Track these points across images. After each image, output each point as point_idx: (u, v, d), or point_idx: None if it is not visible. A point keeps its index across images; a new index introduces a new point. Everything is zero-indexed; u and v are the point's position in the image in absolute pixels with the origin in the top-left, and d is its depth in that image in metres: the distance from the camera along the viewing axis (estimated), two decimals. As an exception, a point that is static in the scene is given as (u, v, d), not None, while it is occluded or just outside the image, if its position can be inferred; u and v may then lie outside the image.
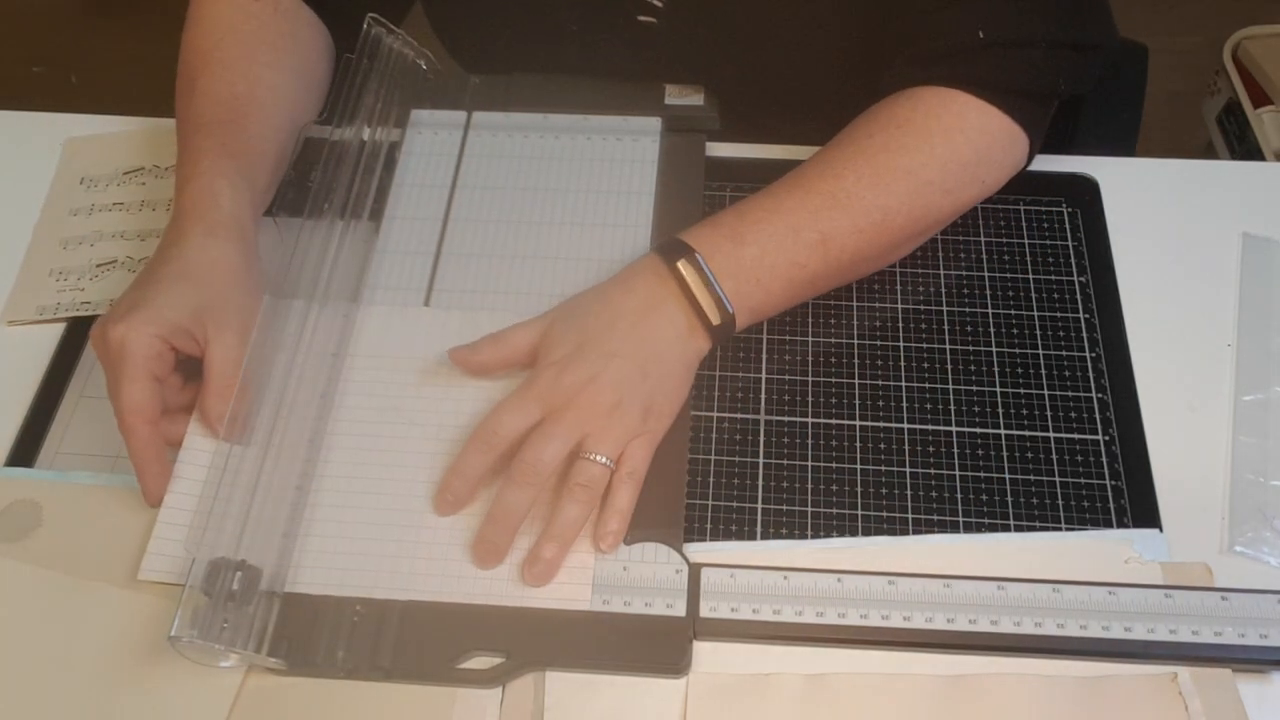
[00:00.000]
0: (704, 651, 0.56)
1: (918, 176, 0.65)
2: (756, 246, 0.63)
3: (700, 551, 0.60)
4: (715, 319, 0.62)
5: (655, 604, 0.57)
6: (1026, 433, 0.64)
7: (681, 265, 0.62)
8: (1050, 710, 0.54)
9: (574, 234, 0.71)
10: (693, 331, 0.63)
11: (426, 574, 0.58)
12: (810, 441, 0.64)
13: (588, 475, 0.59)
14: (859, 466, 0.63)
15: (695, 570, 0.58)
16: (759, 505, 0.62)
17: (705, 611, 0.57)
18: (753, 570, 0.58)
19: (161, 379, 0.60)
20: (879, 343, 0.68)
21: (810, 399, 0.66)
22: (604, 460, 0.59)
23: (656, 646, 0.56)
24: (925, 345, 0.68)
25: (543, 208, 0.72)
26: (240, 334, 0.61)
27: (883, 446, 0.64)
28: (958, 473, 0.63)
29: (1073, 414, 0.65)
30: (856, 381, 0.66)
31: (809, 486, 0.62)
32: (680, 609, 0.57)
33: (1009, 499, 0.62)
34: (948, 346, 0.68)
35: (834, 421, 0.65)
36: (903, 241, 0.68)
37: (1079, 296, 0.69)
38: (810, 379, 0.67)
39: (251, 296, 0.63)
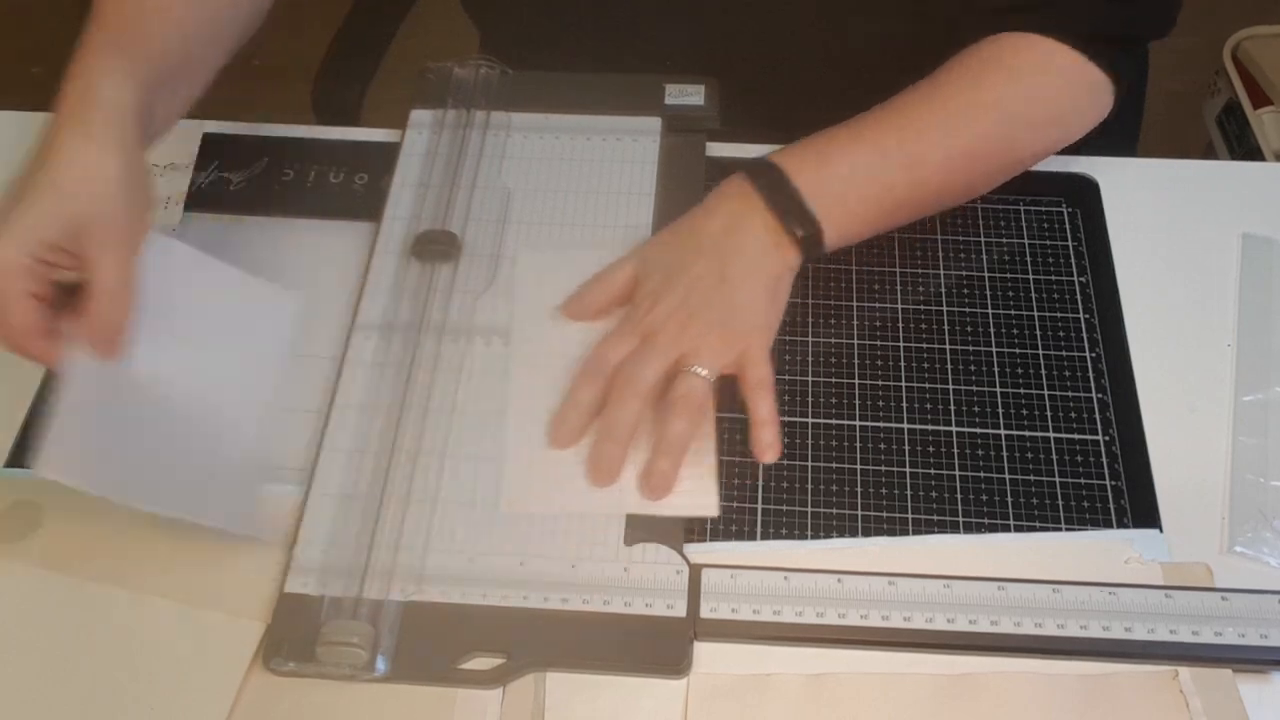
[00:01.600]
0: (704, 652, 0.56)
1: (1005, 109, 0.66)
2: (844, 166, 0.64)
3: (700, 552, 0.60)
4: (800, 231, 0.63)
5: (655, 604, 0.57)
6: (1026, 433, 0.64)
7: (765, 181, 0.64)
8: (1051, 709, 0.54)
9: (574, 235, 0.71)
10: (779, 245, 0.64)
11: (426, 576, 0.58)
12: (810, 441, 0.64)
13: (687, 386, 0.60)
14: (859, 466, 0.63)
15: (696, 571, 0.58)
16: (759, 505, 0.62)
17: (706, 612, 0.57)
18: (753, 571, 0.58)
19: (42, 297, 0.55)
20: (879, 343, 0.68)
21: (810, 399, 0.66)
22: (703, 372, 0.60)
23: (657, 647, 0.56)
24: (925, 345, 0.68)
25: (542, 208, 0.72)
26: (126, 251, 0.57)
27: (883, 446, 0.64)
28: (958, 473, 0.63)
29: (1073, 414, 0.64)
30: (856, 381, 0.66)
31: (809, 486, 0.62)
32: (680, 609, 0.57)
33: (1009, 499, 0.61)
34: (948, 346, 0.68)
35: (834, 421, 0.65)
36: (988, 175, 0.69)
37: (1079, 296, 0.69)
38: (810, 379, 0.66)
39: (136, 209, 0.58)
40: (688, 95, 0.77)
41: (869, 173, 0.64)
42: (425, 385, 0.64)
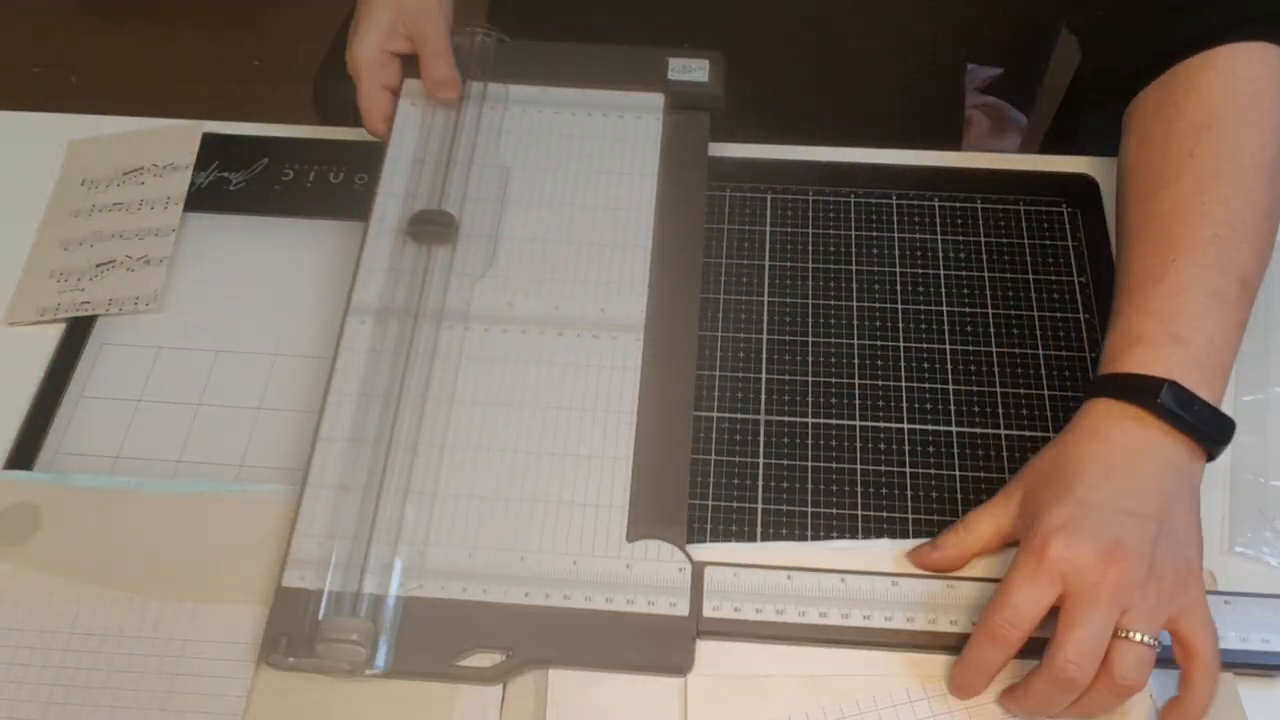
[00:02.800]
0: (706, 651, 0.56)
1: (1262, 157, 0.60)
2: (1202, 335, 0.57)
3: (701, 551, 0.60)
4: (1214, 436, 0.55)
5: (658, 603, 0.57)
6: (1026, 433, 0.64)
7: (1159, 403, 0.54)
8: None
9: (574, 215, 0.70)
10: (1193, 458, 0.55)
11: (426, 570, 0.58)
12: (810, 441, 0.64)
13: (1134, 662, 0.50)
14: (859, 466, 0.63)
15: (699, 569, 0.58)
16: (759, 505, 0.62)
17: (709, 610, 0.57)
18: (756, 569, 0.58)
19: (392, 87, 0.72)
20: (879, 343, 0.68)
21: (810, 399, 0.66)
22: (1148, 640, 0.50)
23: (659, 645, 0.56)
24: (925, 345, 0.68)
25: (542, 187, 0.71)
26: (445, 34, 0.71)
27: (883, 446, 0.64)
28: (958, 473, 0.63)
29: (1073, 414, 0.64)
30: (856, 381, 0.66)
31: (809, 486, 0.62)
32: (683, 608, 0.57)
33: (1009, 499, 0.61)
34: (948, 346, 0.68)
35: (834, 421, 0.65)
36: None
37: (1079, 297, 0.69)
38: (810, 379, 0.66)
39: (447, 9, 0.73)
40: (691, 71, 0.75)
41: (1221, 325, 0.57)
42: (423, 373, 0.64)
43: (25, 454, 0.64)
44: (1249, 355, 0.66)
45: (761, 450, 0.64)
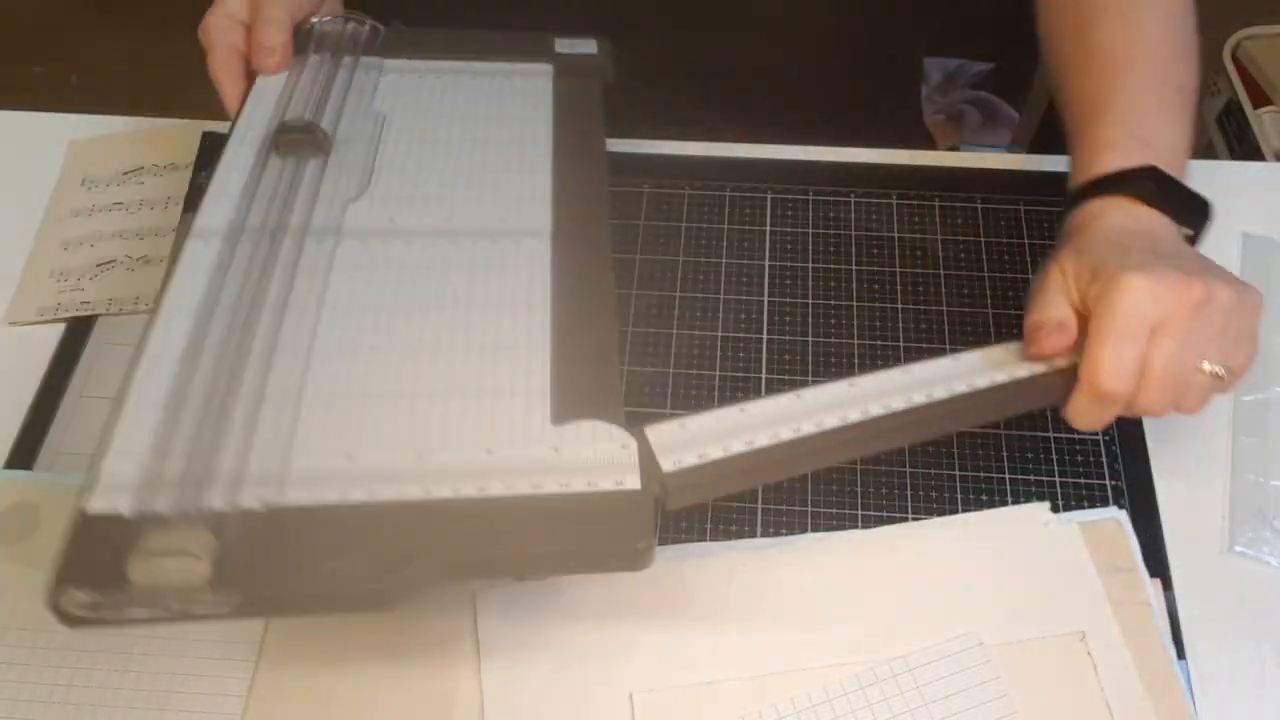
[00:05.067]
0: (645, 665, 0.56)
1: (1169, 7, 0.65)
2: (1160, 138, 0.61)
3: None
4: (1199, 212, 0.60)
5: (600, 481, 0.46)
6: (1026, 432, 0.64)
7: (1146, 187, 0.59)
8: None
9: (461, 148, 0.63)
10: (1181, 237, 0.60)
11: (290, 479, 0.46)
12: (810, 441, 0.64)
13: (1204, 392, 0.54)
14: (859, 466, 0.63)
15: (641, 436, 0.49)
16: (759, 505, 0.62)
17: (668, 466, 0.48)
18: (703, 414, 0.51)
19: (241, 50, 0.66)
20: (879, 343, 0.68)
21: (810, 399, 0.66)
22: (1219, 371, 0.53)
23: (609, 529, 0.45)
24: (925, 345, 0.68)
25: (423, 127, 0.64)
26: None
27: (883, 446, 0.64)
28: (958, 472, 0.63)
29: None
30: (856, 381, 0.66)
31: (809, 486, 0.62)
32: (634, 482, 0.46)
33: (1009, 499, 0.61)
34: (948, 346, 0.68)
35: (834, 421, 0.65)
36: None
37: (1079, 296, 0.69)
38: (810, 379, 0.66)
39: None
40: (578, 46, 0.70)
41: (1175, 128, 0.61)
42: (284, 284, 0.54)
43: (25, 454, 0.65)
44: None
45: (761, 450, 0.64)
